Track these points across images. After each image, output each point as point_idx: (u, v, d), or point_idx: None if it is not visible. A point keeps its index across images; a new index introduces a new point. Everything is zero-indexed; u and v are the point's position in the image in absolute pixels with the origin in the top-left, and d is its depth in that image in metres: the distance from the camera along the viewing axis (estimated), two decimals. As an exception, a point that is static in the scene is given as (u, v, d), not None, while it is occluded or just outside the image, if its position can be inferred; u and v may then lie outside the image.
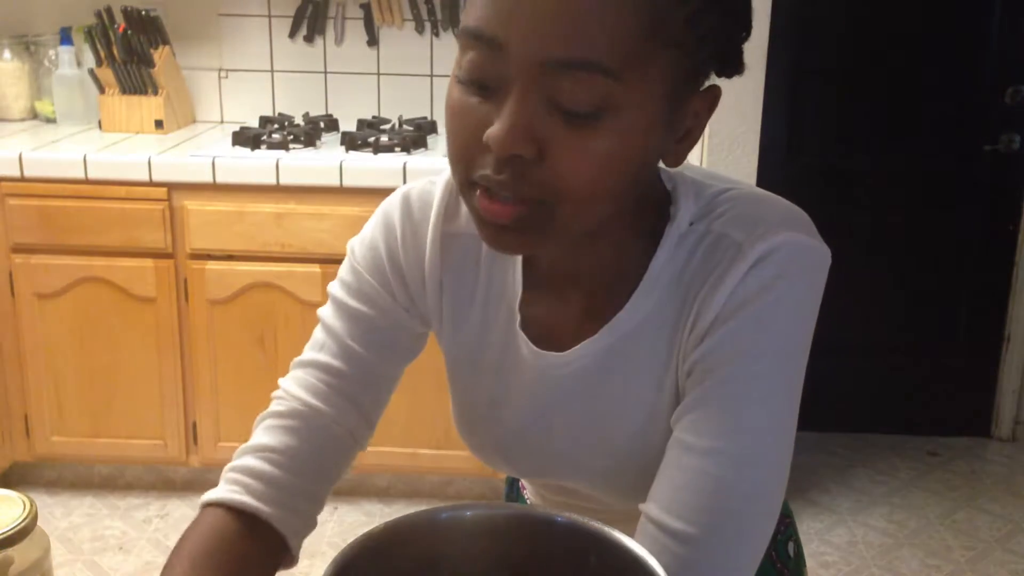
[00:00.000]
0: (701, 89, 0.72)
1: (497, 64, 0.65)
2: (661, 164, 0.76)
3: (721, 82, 0.74)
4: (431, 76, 2.95)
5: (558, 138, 0.65)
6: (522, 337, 0.83)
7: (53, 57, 2.94)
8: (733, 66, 0.73)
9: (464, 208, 0.85)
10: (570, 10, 0.63)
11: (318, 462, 0.85)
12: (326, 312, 0.88)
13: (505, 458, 0.90)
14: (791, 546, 1.03)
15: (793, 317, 0.73)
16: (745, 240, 0.73)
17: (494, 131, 0.65)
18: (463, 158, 0.69)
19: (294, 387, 0.86)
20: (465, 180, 0.70)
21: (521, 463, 0.90)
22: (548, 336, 0.82)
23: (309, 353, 0.87)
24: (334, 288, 0.88)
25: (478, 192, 0.69)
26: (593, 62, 0.63)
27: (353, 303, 0.86)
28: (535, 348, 0.82)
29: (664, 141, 0.71)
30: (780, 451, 0.74)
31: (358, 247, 0.88)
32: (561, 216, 0.68)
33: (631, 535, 0.65)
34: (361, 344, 0.86)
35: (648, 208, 0.78)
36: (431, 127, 2.77)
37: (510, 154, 0.65)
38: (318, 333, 0.88)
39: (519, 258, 0.83)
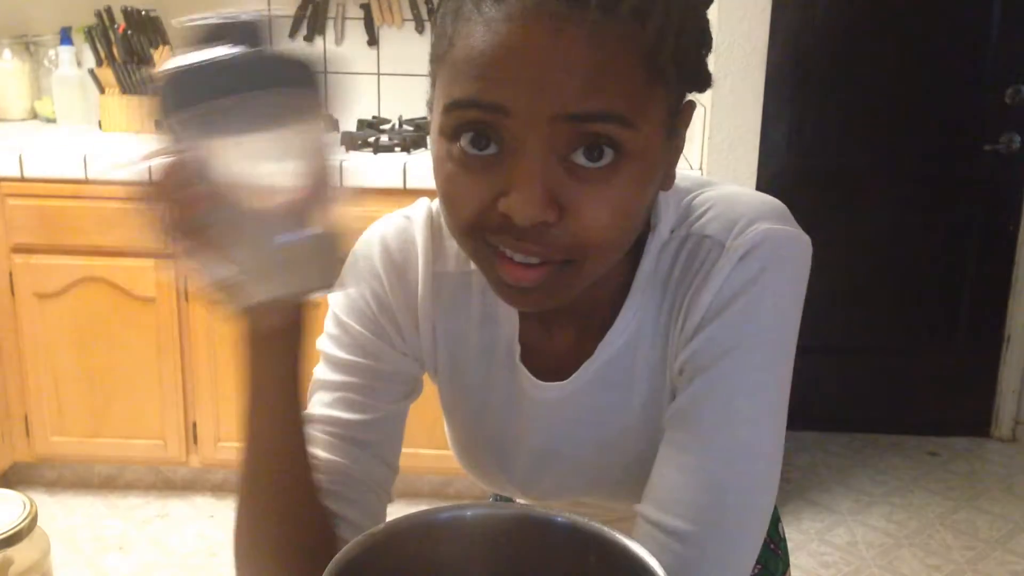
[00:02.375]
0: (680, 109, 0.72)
1: (501, 127, 0.63)
2: None
3: (723, 82, 0.74)
4: (431, 76, 2.95)
5: (578, 195, 0.64)
6: (523, 371, 0.82)
7: (53, 57, 2.94)
8: (704, 80, 0.73)
9: (450, 245, 0.83)
10: (579, 64, 0.61)
11: (345, 513, 0.81)
12: (320, 370, 0.84)
13: (520, 488, 0.89)
14: (780, 527, 1.04)
15: (780, 308, 0.73)
16: (727, 238, 0.74)
17: (516, 203, 0.63)
18: (474, 230, 0.67)
19: None
20: (479, 247, 0.68)
21: (536, 489, 0.89)
22: (547, 364, 0.82)
23: (311, 410, 0.84)
24: (323, 344, 0.85)
25: (497, 257, 0.67)
26: (609, 113, 0.62)
27: (347, 356, 0.83)
28: (537, 381, 0.82)
29: (664, 169, 0.71)
30: (773, 443, 0.74)
31: (341, 299, 0.84)
32: (587, 268, 0.67)
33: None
34: (362, 393, 0.83)
35: None
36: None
37: (536, 222, 0.63)
38: (316, 391, 0.84)
39: None
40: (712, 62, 0.74)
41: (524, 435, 0.85)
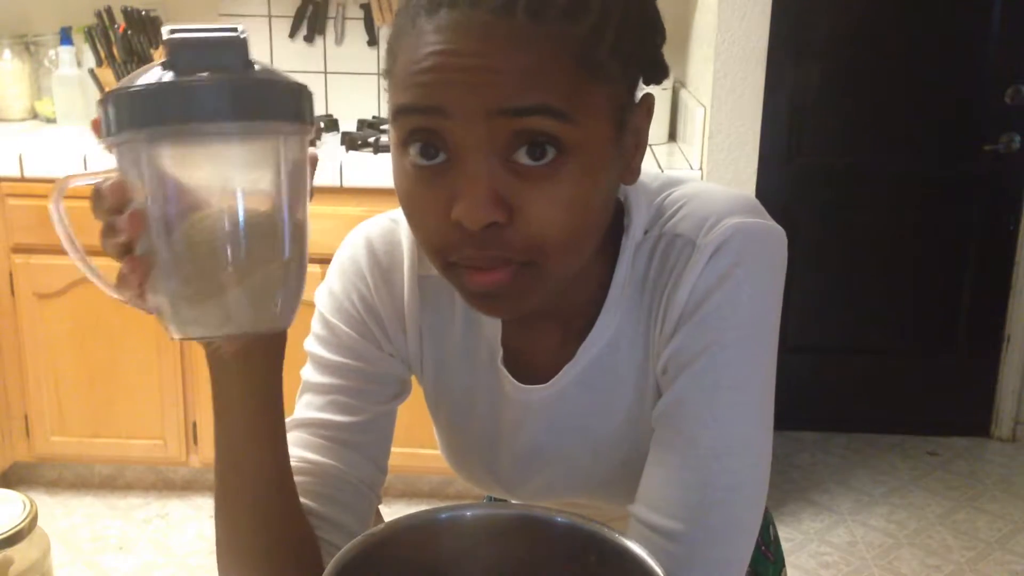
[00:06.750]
0: (636, 103, 0.72)
1: (444, 131, 0.64)
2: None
3: (723, 82, 0.74)
4: (431, 76, 2.95)
5: (525, 195, 0.64)
6: (505, 375, 0.82)
7: (53, 57, 2.94)
8: (659, 72, 0.73)
9: None
10: (508, 66, 0.62)
11: (335, 516, 0.82)
12: (308, 371, 0.85)
13: (505, 488, 0.90)
14: (771, 529, 1.04)
15: (757, 301, 0.73)
16: (698, 235, 0.74)
17: (462, 208, 0.64)
18: (436, 244, 0.68)
19: (293, 449, 0.81)
20: (445, 263, 0.68)
21: (521, 490, 0.89)
22: (529, 367, 0.82)
23: (300, 413, 0.84)
24: (311, 345, 0.85)
25: (462, 270, 0.67)
26: (543, 106, 0.63)
27: (335, 357, 0.83)
28: (518, 384, 0.82)
29: (619, 163, 0.71)
30: (759, 437, 0.74)
31: (328, 300, 0.84)
32: (550, 270, 0.67)
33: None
34: (351, 395, 0.83)
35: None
36: (431, 127, 2.77)
37: (485, 224, 0.64)
38: (305, 393, 0.84)
39: None
40: (712, 62, 0.73)
41: (509, 437, 0.86)
